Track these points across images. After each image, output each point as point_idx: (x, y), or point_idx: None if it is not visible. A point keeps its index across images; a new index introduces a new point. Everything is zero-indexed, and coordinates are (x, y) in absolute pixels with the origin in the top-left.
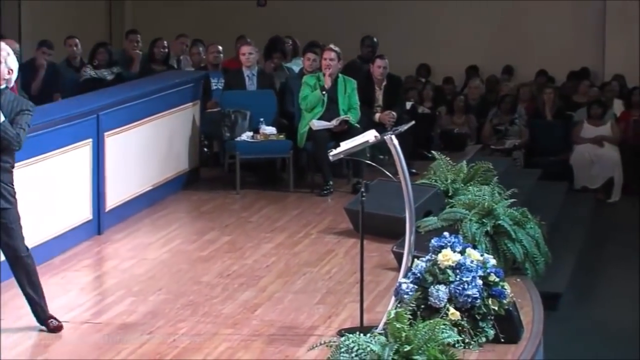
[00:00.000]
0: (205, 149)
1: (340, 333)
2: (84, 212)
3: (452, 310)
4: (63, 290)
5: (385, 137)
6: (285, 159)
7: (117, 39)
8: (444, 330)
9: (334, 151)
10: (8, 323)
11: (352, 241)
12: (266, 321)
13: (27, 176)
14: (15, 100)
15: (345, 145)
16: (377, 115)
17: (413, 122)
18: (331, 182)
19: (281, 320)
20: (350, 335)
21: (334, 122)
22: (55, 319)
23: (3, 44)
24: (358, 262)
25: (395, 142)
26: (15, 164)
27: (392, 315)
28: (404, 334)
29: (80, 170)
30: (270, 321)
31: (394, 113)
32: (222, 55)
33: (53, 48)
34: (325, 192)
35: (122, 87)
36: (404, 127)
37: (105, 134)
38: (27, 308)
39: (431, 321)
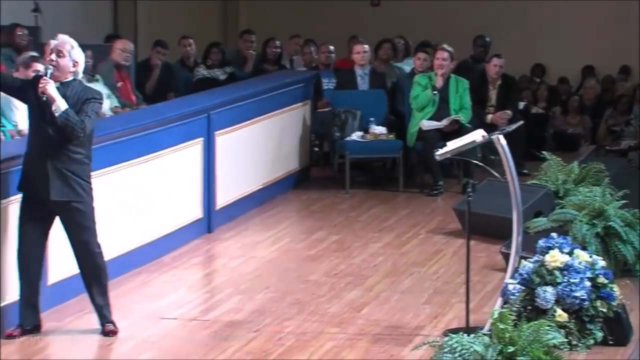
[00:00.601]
0: (316, 149)
1: (446, 333)
2: (195, 211)
3: (559, 311)
4: (172, 287)
5: (492, 137)
6: (395, 159)
7: (231, 39)
8: (548, 332)
9: (441, 151)
10: (118, 318)
11: (460, 241)
12: (372, 320)
13: (139, 174)
14: (84, 90)
15: (453, 145)
16: (490, 116)
17: (522, 122)
18: (441, 182)
19: (387, 319)
20: (454, 335)
21: (444, 122)
22: (113, 323)
23: (66, 37)
24: (465, 262)
25: (503, 142)
26: (129, 162)
27: (496, 315)
28: (507, 335)
29: (191, 168)
30: (376, 320)
31: (508, 112)
32: (333, 55)
33: (167, 48)
34: (435, 192)
35: (233, 86)
36: (512, 127)
37: (216, 133)
38: (138, 304)
39: (536, 322)
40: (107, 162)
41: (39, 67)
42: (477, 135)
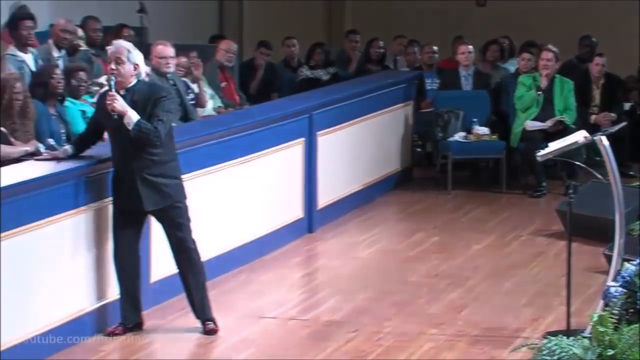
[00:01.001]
0: (419, 149)
1: (545, 336)
2: (296, 211)
3: None
4: (273, 287)
5: (595, 138)
6: (498, 160)
7: (336, 39)
8: None
9: (543, 152)
10: (218, 316)
11: (562, 243)
12: (472, 322)
13: (241, 174)
14: (150, 89)
15: (555, 145)
16: (593, 117)
17: (625, 124)
18: (544, 184)
19: (487, 321)
20: (553, 337)
21: (549, 123)
22: (213, 321)
23: (121, 43)
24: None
25: (606, 143)
26: (231, 162)
27: (596, 318)
28: (607, 338)
29: (292, 169)
30: (475, 322)
31: (612, 114)
32: (437, 55)
33: (271, 48)
34: (538, 193)
35: (335, 87)
36: (615, 128)
37: (318, 133)
38: (239, 303)
39: (636, 325)
40: (209, 162)
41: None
42: (579, 137)
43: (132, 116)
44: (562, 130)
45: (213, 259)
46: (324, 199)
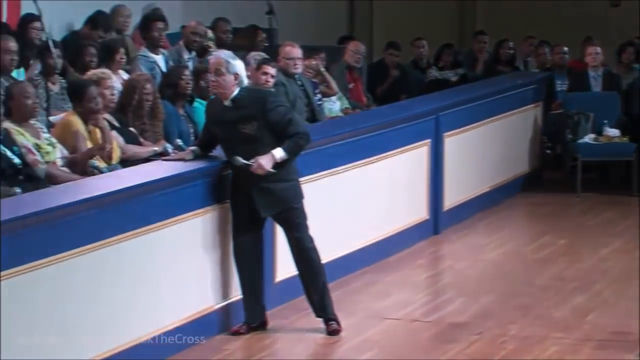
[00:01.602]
0: (548, 151)
1: None
2: (421, 212)
3: None
4: (397, 288)
5: None
6: (630, 162)
7: (467, 41)
8: None
9: None
10: (342, 317)
11: None
12: (598, 326)
13: (367, 175)
14: (255, 98)
15: None
16: None
17: None
18: None
19: (613, 326)
20: None
21: None
22: (336, 321)
23: (219, 55)
24: None
25: None
26: (357, 163)
27: None
28: None
29: (418, 170)
30: (602, 326)
31: None
32: (567, 56)
33: (400, 49)
34: None
35: (462, 88)
36: None
37: (445, 134)
38: (363, 304)
39: None
40: (336, 162)
41: (270, 70)
42: None
43: (277, 155)
44: None
45: (338, 259)
46: (450, 201)
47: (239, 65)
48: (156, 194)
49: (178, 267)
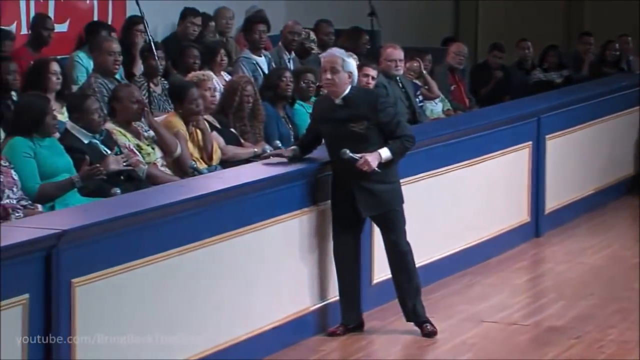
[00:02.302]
0: None
1: None
2: (522, 215)
3: None
4: (496, 291)
5: None
6: None
7: (574, 41)
8: None
9: None
10: (440, 319)
11: None
12: None
13: (467, 176)
14: (366, 97)
15: None
16: None
17: None
18: None
19: None
20: None
21: None
22: (431, 323)
23: (334, 53)
24: None
25: None
26: (460, 164)
27: None
28: None
29: (519, 172)
30: None
31: None
32: None
33: (504, 51)
34: None
35: (565, 90)
36: None
37: (547, 136)
38: (461, 306)
39: None
40: (437, 164)
41: (371, 71)
42: None
43: (383, 154)
44: None
45: (438, 261)
46: (551, 203)
47: (352, 64)
48: (256, 194)
49: (276, 267)
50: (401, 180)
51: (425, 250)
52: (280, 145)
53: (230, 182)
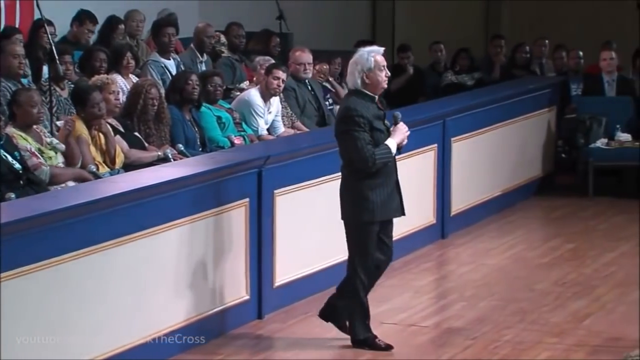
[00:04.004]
0: (563, 155)
1: None
2: (428, 216)
3: None
4: (398, 292)
5: None
6: None
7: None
8: None
9: None
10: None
11: None
12: (593, 331)
13: None
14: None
15: None
16: None
17: None
18: None
19: (609, 331)
20: None
21: None
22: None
23: (355, 56)
24: None
25: None
26: None
27: None
28: None
29: (425, 174)
30: (597, 332)
31: None
32: (582, 60)
33: (410, 50)
34: None
35: (471, 93)
36: None
37: (452, 139)
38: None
39: None
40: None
41: (280, 74)
42: None
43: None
44: None
45: (342, 264)
46: (458, 205)
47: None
48: (149, 199)
49: (173, 271)
50: (308, 182)
51: (329, 252)
52: (182, 148)
53: (125, 187)
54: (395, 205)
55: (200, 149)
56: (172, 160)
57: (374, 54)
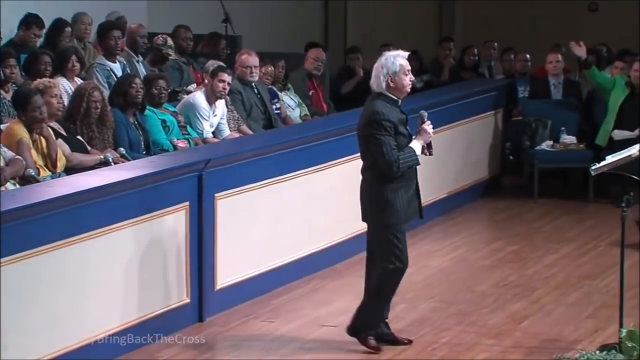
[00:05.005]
0: (511, 157)
1: (601, 349)
2: None
3: None
4: (340, 295)
5: None
6: (587, 169)
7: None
8: None
9: (597, 165)
10: (284, 322)
11: (638, 255)
12: (530, 333)
13: (320, 180)
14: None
15: (611, 158)
16: None
17: None
18: (632, 193)
19: (546, 332)
20: (585, 351)
21: (637, 132)
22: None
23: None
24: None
25: None
26: (308, 170)
27: (624, 334)
28: (635, 353)
29: None
30: (534, 333)
31: None
32: (529, 63)
33: (360, 52)
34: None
35: (418, 95)
36: None
37: None
38: (304, 310)
39: None
40: (287, 168)
41: (226, 77)
42: (634, 150)
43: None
44: None
45: (285, 266)
46: None
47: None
48: (86, 203)
49: (110, 275)
50: (251, 186)
51: (273, 254)
52: (124, 152)
53: (61, 191)
54: (414, 208)
55: (144, 152)
56: (112, 163)
57: (399, 58)
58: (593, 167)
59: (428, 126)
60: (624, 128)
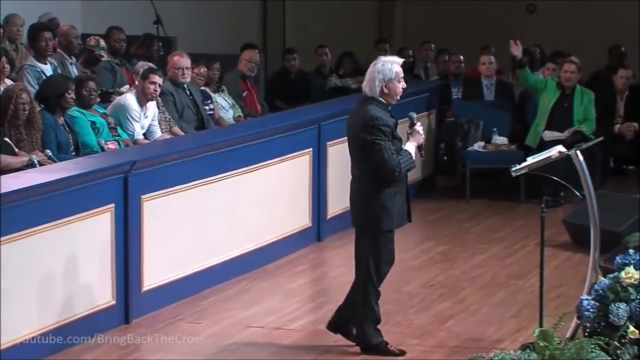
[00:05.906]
0: (445, 158)
1: (523, 348)
2: (304, 219)
3: (631, 328)
4: (268, 295)
5: (570, 153)
6: None
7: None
8: (592, 350)
9: (518, 166)
10: (210, 323)
11: (566, 254)
12: (454, 333)
13: (251, 182)
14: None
15: (531, 160)
16: (617, 127)
17: (601, 139)
18: (562, 194)
19: (469, 332)
20: (500, 351)
21: (566, 133)
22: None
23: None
24: (566, 276)
25: (581, 157)
26: (242, 170)
27: (537, 333)
28: (547, 353)
29: (300, 178)
30: (457, 333)
31: (635, 125)
32: (463, 64)
33: (296, 53)
34: (555, 203)
35: (349, 97)
36: (589, 144)
37: (327, 143)
38: (231, 311)
39: (579, 340)
40: (214, 170)
41: (157, 79)
42: (554, 152)
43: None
44: (580, 141)
45: (215, 267)
46: (334, 208)
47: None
48: (10, 205)
49: (37, 277)
50: (178, 187)
51: (201, 256)
52: (50, 154)
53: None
54: (404, 213)
55: (73, 154)
56: (37, 165)
57: (395, 65)
58: (514, 169)
59: (419, 127)
60: (554, 129)
